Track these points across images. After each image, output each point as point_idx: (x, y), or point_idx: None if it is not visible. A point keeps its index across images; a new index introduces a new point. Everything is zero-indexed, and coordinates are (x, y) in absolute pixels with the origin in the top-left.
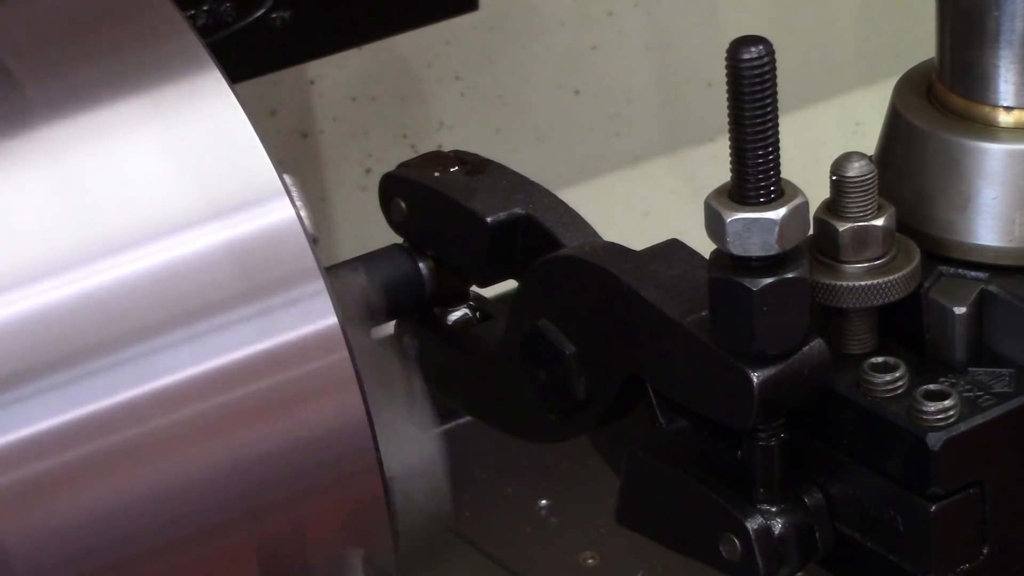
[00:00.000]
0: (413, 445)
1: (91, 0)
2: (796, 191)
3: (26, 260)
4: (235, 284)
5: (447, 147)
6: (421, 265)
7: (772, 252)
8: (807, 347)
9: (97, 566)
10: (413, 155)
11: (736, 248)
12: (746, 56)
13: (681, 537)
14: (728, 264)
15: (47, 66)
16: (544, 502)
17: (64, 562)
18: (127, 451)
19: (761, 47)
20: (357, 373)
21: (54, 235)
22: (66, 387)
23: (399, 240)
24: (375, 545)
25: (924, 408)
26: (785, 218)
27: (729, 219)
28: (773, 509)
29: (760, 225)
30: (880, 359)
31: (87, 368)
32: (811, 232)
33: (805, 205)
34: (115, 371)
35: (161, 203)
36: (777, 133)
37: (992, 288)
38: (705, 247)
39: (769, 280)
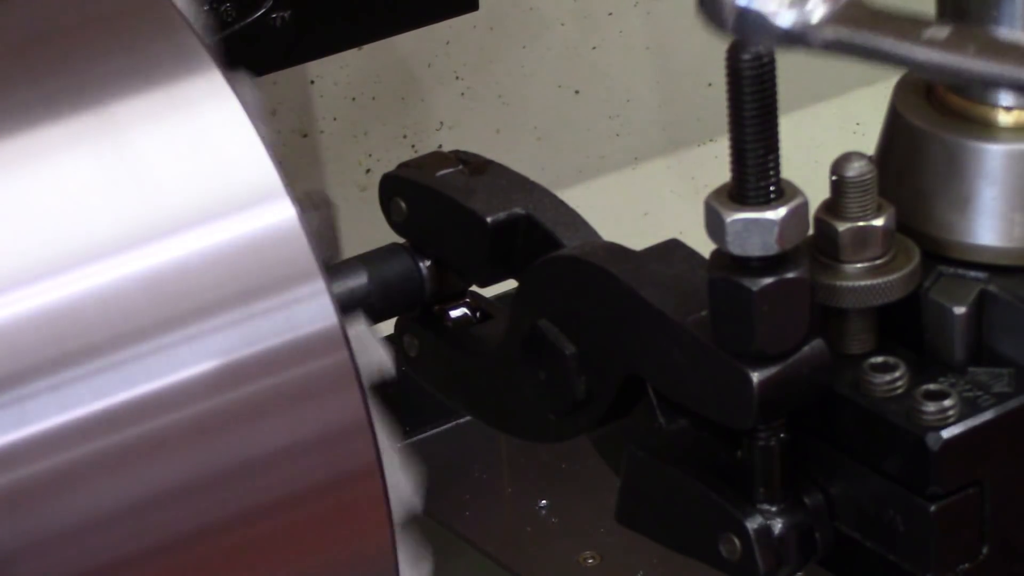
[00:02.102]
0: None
1: (91, 0)
2: (796, 191)
3: (23, 260)
4: (235, 284)
5: (447, 147)
6: (421, 265)
7: (772, 252)
8: (807, 347)
9: (95, 567)
10: (413, 155)
11: (736, 248)
12: (746, 56)
13: (681, 537)
14: (728, 264)
15: (46, 66)
16: (544, 502)
17: (61, 563)
18: (125, 452)
19: (761, 47)
20: (357, 373)
21: (51, 235)
22: (64, 387)
23: (399, 240)
24: (375, 547)
25: (924, 408)
26: (785, 218)
27: (729, 219)
28: (773, 509)
29: (760, 225)
30: (880, 359)
31: (86, 368)
32: (811, 232)
33: (805, 205)
34: (114, 371)
35: (160, 203)
36: (777, 133)
37: (992, 288)
38: (705, 247)
39: (769, 280)
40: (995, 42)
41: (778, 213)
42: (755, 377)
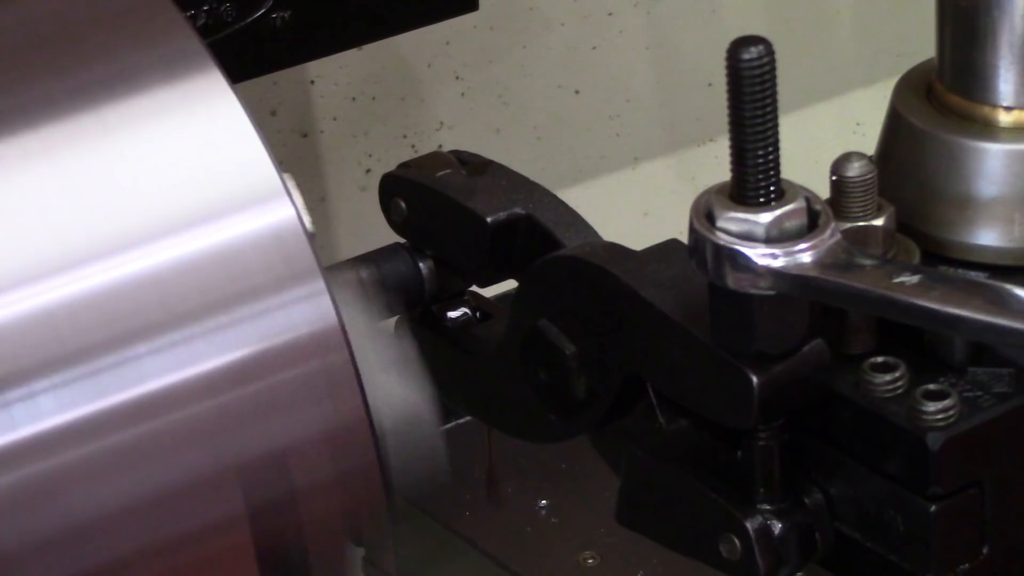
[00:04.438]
0: (402, 397)
1: (91, 0)
2: (796, 191)
3: (24, 260)
4: (235, 284)
5: (447, 147)
6: (421, 265)
7: None
8: (807, 347)
9: (94, 567)
10: (413, 155)
11: None
12: (746, 56)
13: (681, 537)
14: None
15: (46, 66)
16: (544, 502)
17: (62, 563)
18: (125, 451)
19: (761, 47)
20: (357, 373)
21: (53, 235)
22: (65, 387)
23: (399, 240)
24: (375, 546)
25: (924, 408)
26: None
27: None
28: (773, 509)
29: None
30: (880, 359)
31: (86, 368)
32: None
33: (804, 206)
34: (113, 371)
35: (161, 203)
36: (777, 133)
37: None
38: None
39: None
40: (958, 288)
41: (777, 213)
42: (755, 377)
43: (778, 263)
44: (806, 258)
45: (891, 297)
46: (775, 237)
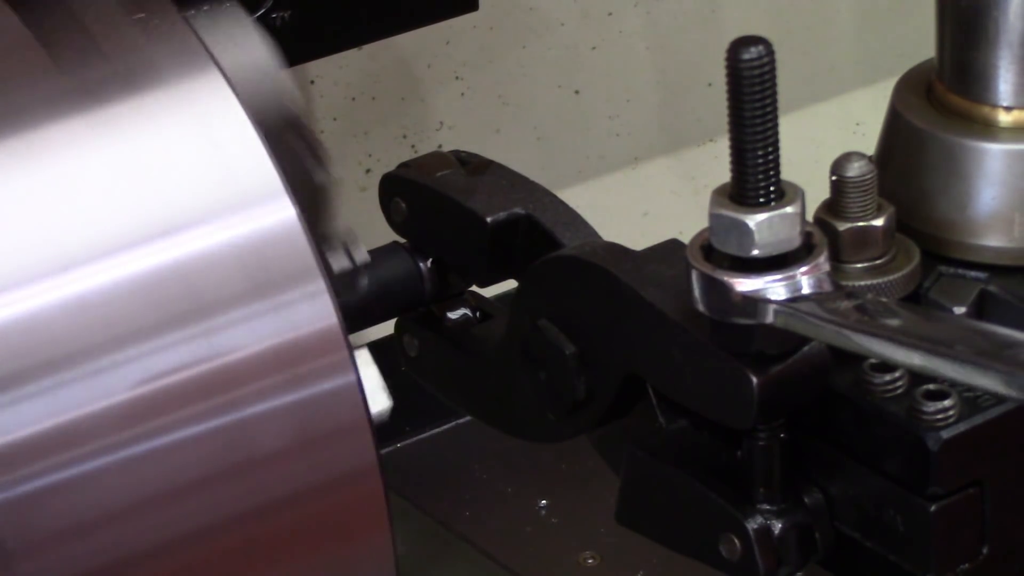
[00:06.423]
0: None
1: (90, 0)
2: (796, 191)
3: (26, 259)
4: (235, 284)
5: (447, 147)
6: (421, 265)
7: None
8: (807, 347)
9: (95, 567)
10: (413, 155)
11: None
12: (746, 56)
13: (681, 537)
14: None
15: (46, 66)
16: (544, 502)
17: (64, 562)
18: (126, 450)
19: (761, 47)
20: (357, 373)
21: (54, 234)
22: (66, 387)
23: (399, 240)
24: (374, 547)
25: (924, 408)
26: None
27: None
28: (773, 509)
29: None
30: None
31: (87, 368)
32: None
33: (803, 206)
34: (114, 371)
35: (161, 203)
36: (777, 133)
37: (992, 288)
38: None
39: None
40: (940, 332)
41: (777, 213)
42: (755, 377)
43: (760, 294)
44: (788, 290)
45: (879, 347)
46: (765, 265)
